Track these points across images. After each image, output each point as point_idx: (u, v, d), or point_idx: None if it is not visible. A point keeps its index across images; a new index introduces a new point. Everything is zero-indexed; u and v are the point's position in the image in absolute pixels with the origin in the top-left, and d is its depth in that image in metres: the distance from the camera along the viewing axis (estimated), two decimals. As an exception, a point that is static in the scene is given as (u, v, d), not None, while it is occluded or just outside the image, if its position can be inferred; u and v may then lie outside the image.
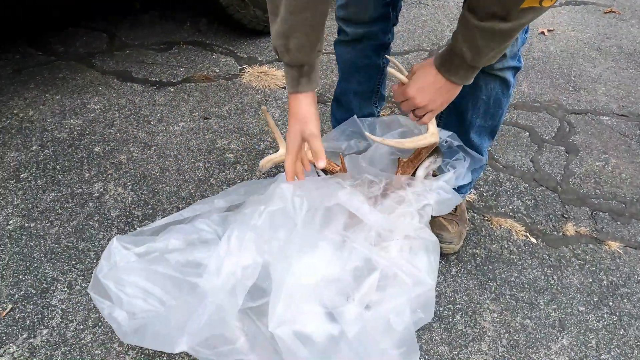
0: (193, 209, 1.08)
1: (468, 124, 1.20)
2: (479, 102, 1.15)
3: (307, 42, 0.88)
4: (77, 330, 1.11)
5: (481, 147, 1.26)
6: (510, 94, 1.17)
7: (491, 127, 1.22)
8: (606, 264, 1.38)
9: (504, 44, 0.85)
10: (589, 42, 2.51)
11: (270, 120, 1.07)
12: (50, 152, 1.60)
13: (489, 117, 1.19)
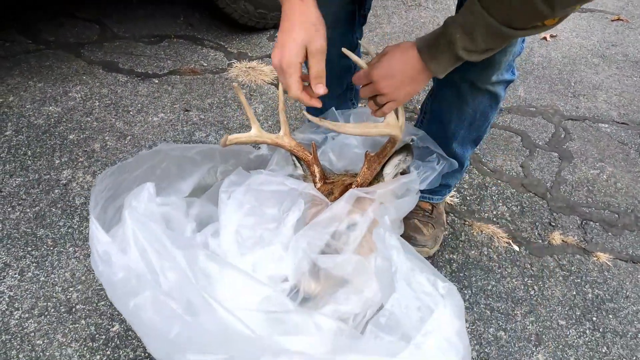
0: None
1: (451, 134, 1.13)
2: (465, 114, 1.09)
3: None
4: (21, 319, 1.07)
5: (463, 156, 1.19)
6: (499, 106, 1.10)
7: (475, 137, 1.16)
8: (593, 277, 1.29)
9: (499, 46, 0.81)
10: (592, 49, 2.42)
11: (243, 97, 1.01)
12: (24, 137, 1.57)
13: (474, 129, 1.12)
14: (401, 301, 0.78)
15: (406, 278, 0.80)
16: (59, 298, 1.11)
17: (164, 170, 1.07)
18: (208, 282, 0.75)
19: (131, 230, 0.78)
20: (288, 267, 0.93)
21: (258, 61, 2.09)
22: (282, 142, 1.02)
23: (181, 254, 0.75)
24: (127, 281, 0.75)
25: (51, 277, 1.15)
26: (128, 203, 0.83)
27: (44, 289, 1.13)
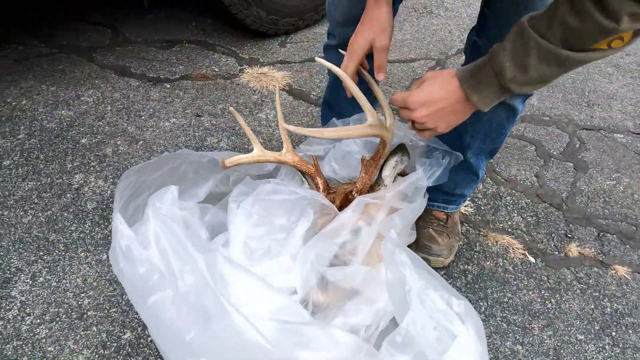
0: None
1: (466, 145, 1.12)
2: (481, 125, 1.07)
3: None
4: (32, 325, 1.06)
5: (478, 166, 1.17)
6: (516, 120, 1.08)
7: (491, 148, 1.14)
8: (611, 290, 1.26)
9: (555, 74, 0.72)
10: (607, 58, 2.39)
11: (241, 120, 1.03)
12: (36, 141, 1.57)
13: (489, 140, 1.11)
14: (416, 320, 0.76)
15: (419, 296, 0.78)
16: (71, 304, 1.10)
17: (182, 174, 1.07)
18: (225, 287, 0.74)
19: (153, 230, 0.77)
20: (296, 279, 0.91)
21: (270, 67, 2.08)
22: (285, 159, 1.01)
23: (202, 257, 0.74)
24: (149, 277, 0.74)
25: (63, 283, 1.15)
26: (152, 203, 0.83)
27: (56, 294, 1.12)
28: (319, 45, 2.28)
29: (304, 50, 2.24)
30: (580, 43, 0.67)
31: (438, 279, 0.81)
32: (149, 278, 0.75)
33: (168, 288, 0.72)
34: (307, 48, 2.26)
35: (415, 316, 0.73)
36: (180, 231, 0.76)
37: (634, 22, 0.62)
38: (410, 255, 0.82)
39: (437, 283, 0.79)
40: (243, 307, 0.72)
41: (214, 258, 0.75)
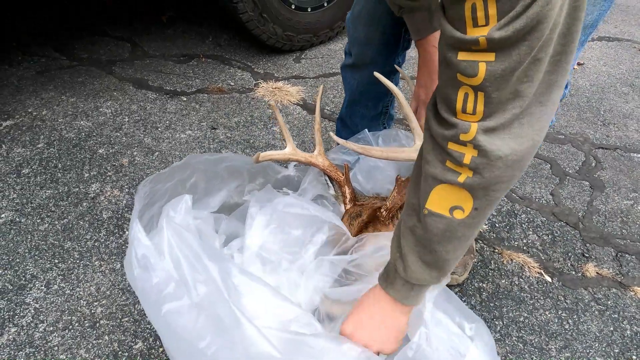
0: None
1: None
2: None
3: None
4: (45, 332, 1.06)
5: None
6: None
7: None
8: (631, 312, 1.23)
9: (428, 258, 0.68)
10: (621, 77, 2.39)
11: (279, 116, 1.03)
12: (55, 150, 1.60)
13: None
14: (430, 338, 0.75)
15: (434, 316, 0.78)
16: (84, 312, 1.10)
17: (193, 184, 1.08)
18: (238, 298, 0.74)
19: (167, 239, 0.77)
20: (302, 296, 0.91)
21: (284, 82, 2.11)
22: (315, 162, 1.02)
23: (215, 266, 0.74)
24: (163, 286, 0.74)
25: (76, 291, 1.15)
26: (166, 212, 0.83)
27: (69, 302, 1.12)
28: (333, 62, 2.31)
29: (318, 66, 2.27)
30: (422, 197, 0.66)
31: (451, 301, 0.80)
32: (164, 287, 0.75)
33: (184, 297, 0.72)
34: (322, 64, 2.29)
35: (429, 334, 0.72)
36: (194, 241, 0.77)
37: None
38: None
39: (449, 306, 0.79)
40: (256, 318, 0.71)
41: (228, 268, 0.75)
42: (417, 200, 0.67)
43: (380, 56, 1.15)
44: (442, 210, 0.64)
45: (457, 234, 0.65)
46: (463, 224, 0.64)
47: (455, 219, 0.64)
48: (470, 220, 0.64)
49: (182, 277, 0.73)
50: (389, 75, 1.21)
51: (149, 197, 0.97)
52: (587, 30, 0.85)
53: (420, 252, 0.69)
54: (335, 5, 2.30)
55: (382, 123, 1.38)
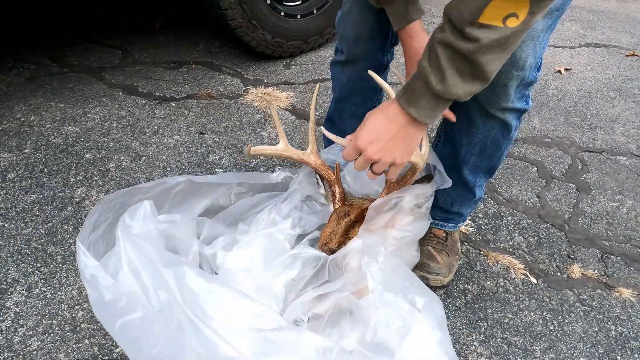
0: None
1: (461, 160, 1.11)
2: (475, 140, 1.07)
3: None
4: (25, 336, 1.05)
5: (475, 184, 1.17)
6: (511, 136, 1.07)
7: (488, 166, 1.13)
8: (616, 313, 1.23)
9: (471, 73, 0.71)
10: (608, 82, 2.41)
11: (275, 113, 1.04)
12: (41, 155, 1.59)
13: (485, 157, 1.10)
14: (382, 319, 0.76)
15: (383, 299, 0.79)
16: (64, 316, 1.09)
17: (178, 192, 1.08)
18: (196, 301, 0.74)
19: (124, 250, 0.78)
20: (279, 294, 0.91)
21: (273, 87, 2.12)
22: (307, 160, 1.02)
23: (170, 272, 0.74)
24: (116, 302, 0.74)
25: (58, 295, 1.14)
26: (122, 222, 0.84)
27: (50, 306, 1.11)
28: (323, 68, 2.33)
29: (307, 72, 2.28)
30: (471, 13, 0.67)
31: (412, 283, 0.81)
32: (116, 303, 0.75)
33: (137, 310, 0.72)
34: (311, 70, 2.30)
35: (381, 316, 0.73)
36: (149, 248, 0.77)
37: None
38: (388, 264, 0.82)
39: (405, 285, 0.80)
40: (217, 320, 0.71)
41: (181, 272, 0.75)
42: (465, 16, 0.67)
43: (369, 52, 1.17)
44: (495, 21, 0.66)
45: (503, 43, 0.68)
46: (515, 32, 0.67)
47: (508, 28, 0.66)
48: (522, 27, 0.66)
49: (143, 287, 0.74)
50: (378, 70, 1.23)
51: (119, 211, 0.95)
52: (555, 13, 0.86)
53: (459, 66, 0.71)
54: (325, 12, 2.32)
55: None
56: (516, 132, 1.07)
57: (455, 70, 0.72)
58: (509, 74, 0.90)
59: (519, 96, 0.97)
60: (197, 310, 0.70)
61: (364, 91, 1.27)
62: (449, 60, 0.72)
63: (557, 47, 2.77)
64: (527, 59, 0.89)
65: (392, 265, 0.86)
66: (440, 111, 0.79)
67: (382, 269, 0.85)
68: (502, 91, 0.93)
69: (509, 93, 0.94)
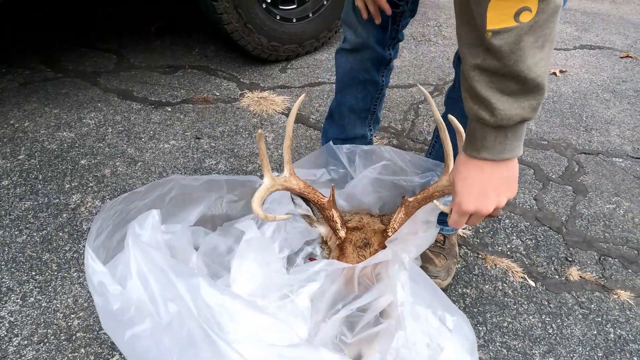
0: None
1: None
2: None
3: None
4: (20, 346, 1.03)
5: None
6: None
7: None
8: (614, 315, 1.23)
9: (517, 87, 0.65)
10: (603, 84, 2.42)
11: (263, 146, 0.94)
12: (36, 161, 1.58)
13: None
14: (408, 338, 0.74)
15: (412, 313, 0.76)
16: (60, 325, 1.08)
17: (172, 198, 1.06)
18: (210, 313, 0.72)
19: (133, 258, 0.76)
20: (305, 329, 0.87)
21: (270, 91, 2.12)
22: (290, 186, 0.96)
23: (183, 283, 0.72)
24: (124, 312, 0.73)
25: (53, 303, 1.13)
26: (132, 230, 0.82)
27: (45, 315, 1.10)
28: (319, 72, 2.32)
29: (304, 76, 2.28)
30: (479, 29, 0.62)
31: (436, 296, 0.79)
32: (124, 313, 0.73)
33: (146, 320, 0.70)
34: (307, 74, 2.30)
35: (406, 335, 0.71)
36: (161, 258, 0.75)
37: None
38: (413, 273, 0.81)
39: (434, 300, 0.78)
40: (231, 333, 0.70)
41: (196, 283, 0.74)
42: (476, 32, 0.63)
43: (369, 42, 1.18)
44: (506, 23, 0.60)
45: (532, 41, 0.61)
46: (535, 25, 0.60)
47: (524, 24, 0.60)
48: (540, 17, 0.60)
49: (152, 297, 0.72)
50: (380, 64, 1.24)
51: (121, 216, 0.93)
52: None
53: (502, 86, 0.65)
54: (320, 15, 2.32)
55: (368, 125, 1.38)
56: None
57: (500, 93, 0.65)
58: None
59: None
60: (212, 323, 0.69)
61: (364, 83, 1.27)
62: (488, 86, 0.66)
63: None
64: None
65: (418, 274, 0.84)
66: (514, 140, 0.70)
67: (412, 278, 0.82)
68: None
69: None
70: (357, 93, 1.28)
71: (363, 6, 1.11)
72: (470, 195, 0.76)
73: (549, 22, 0.61)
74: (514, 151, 0.72)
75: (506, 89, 0.66)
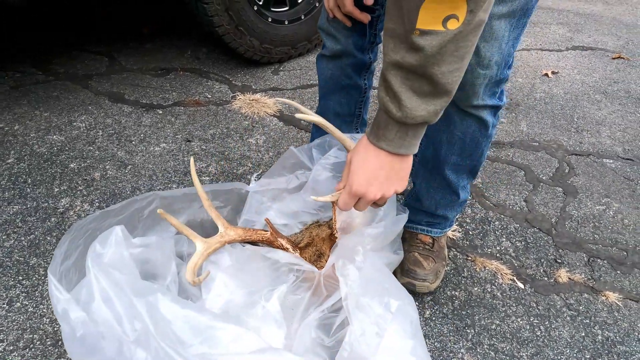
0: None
1: (442, 160, 1.12)
2: (454, 138, 1.07)
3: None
4: (5, 352, 1.03)
5: (458, 184, 1.17)
6: (490, 134, 1.07)
7: (470, 166, 1.14)
8: (602, 317, 1.23)
9: (429, 90, 0.68)
10: (594, 85, 2.43)
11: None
12: (25, 165, 1.57)
13: (465, 156, 1.11)
14: (356, 330, 0.75)
15: (358, 305, 0.77)
16: (46, 330, 1.08)
17: (152, 211, 1.04)
18: (170, 329, 0.71)
19: (94, 280, 0.75)
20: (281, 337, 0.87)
21: (262, 94, 2.11)
22: (229, 239, 0.94)
23: (142, 301, 0.72)
24: (85, 340, 0.72)
25: (40, 308, 1.12)
26: (92, 250, 0.81)
27: (32, 320, 1.10)
28: (311, 74, 2.32)
29: (296, 78, 2.28)
30: (409, 20, 0.63)
31: (386, 284, 0.80)
32: (85, 341, 0.73)
33: (113, 342, 0.70)
34: (300, 76, 2.30)
35: (354, 328, 0.72)
36: (121, 277, 0.75)
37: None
38: (366, 264, 0.81)
39: (380, 288, 0.78)
40: (193, 346, 0.69)
41: (154, 300, 0.73)
42: (403, 26, 0.65)
43: (348, 48, 1.18)
44: (435, 26, 0.62)
45: (453, 49, 0.64)
46: (458, 35, 0.63)
47: (450, 31, 0.63)
48: (465, 28, 0.63)
49: (117, 317, 0.71)
50: (360, 69, 1.24)
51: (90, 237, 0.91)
52: (517, 13, 0.87)
53: (414, 85, 0.68)
54: (313, 17, 2.32)
55: (355, 128, 1.38)
56: (494, 130, 1.08)
57: (411, 92, 0.69)
58: (475, 73, 0.92)
59: (489, 94, 0.99)
60: (173, 338, 0.68)
61: (347, 88, 1.27)
62: (402, 82, 0.68)
63: (544, 50, 2.79)
64: (493, 57, 0.90)
65: (371, 265, 0.84)
66: (413, 139, 0.75)
67: (361, 268, 0.83)
68: (471, 90, 0.95)
69: (477, 92, 0.96)
70: (340, 98, 1.28)
71: (341, 16, 1.10)
72: (363, 177, 0.80)
73: (472, 34, 0.65)
74: (410, 149, 0.77)
75: (417, 89, 0.68)
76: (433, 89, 0.68)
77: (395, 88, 0.69)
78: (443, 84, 0.67)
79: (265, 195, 1.16)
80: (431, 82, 0.67)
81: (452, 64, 0.66)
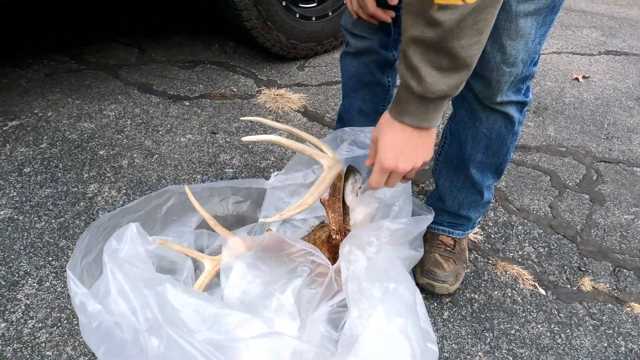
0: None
1: (467, 158, 1.11)
2: (480, 135, 1.06)
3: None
4: (34, 328, 1.07)
5: (482, 184, 1.15)
6: (516, 131, 1.06)
7: (495, 164, 1.12)
8: (626, 328, 1.20)
9: (448, 64, 0.69)
10: (627, 91, 2.36)
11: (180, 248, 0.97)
12: (57, 150, 1.63)
13: (491, 153, 1.09)
14: (354, 313, 0.76)
15: (360, 289, 0.78)
16: (73, 310, 1.11)
17: (170, 208, 1.07)
18: (178, 317, 0.74)
19: (110, 274, 0.79)
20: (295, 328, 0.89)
21: (287, 89, 2.13)
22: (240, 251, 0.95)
23: (152, 291, 0.75)
24: (100, 331, 0.76)
25: (67, 288, 1.16)
26: (108, 246, 0.84)
27: (60, 299, 1.14)
28: (336, 70, 2.32)
29: (321, 74, 2.28)
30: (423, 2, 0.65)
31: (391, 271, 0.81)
32: (100, 331, 0.76)
33: (123, 333, 0.73)
34: (325, 72, 2.30)
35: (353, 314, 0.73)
36: (135, 270, 0.78)
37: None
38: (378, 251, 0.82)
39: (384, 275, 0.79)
40: (200, 332, 0.72)
41: (163, 290, 0.76)
42: (421, 2, 0.66)
43: (374, 47, 1.18)
44: (453, 0, 0.64)
45: (472, 22, 0.65)
46: (477, 8, 0.64)
47: (469, 4, 0.63)
48: (484, 1, 0.64)
49: (132, 308, 0.74)
50: (384, 66, 1.23)
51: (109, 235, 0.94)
52: (544, 11, 0.86)
53: (433, 60, 0.69)
54: (340, 14, 2.32)
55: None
56: (520, 127, 1.07)
57: (431, 66, 0.69)
58: (500, 71, 0.91)
59: (514, 90, 0.98)
60: (180, 325, 0.71)
61: (370, 86, 1.27)
62: (422, 57, 0.69)
63: (575, 54, 2.73)
64: (519, 55, 0.90)
65: (384, 255, 0.85)
66: (434, 112, 0.77)
67: (371, 258, 0.84)
68: (496, 87, 0.95)
69: (502, 89, 0.95)
70: (364, 95, 1.28)
71: (366, 17, 1.10)
72: (392, 152, 0.82)
73: (491, 7, 0.65)
74: (432, 122, 0.78)
75: (437, 64, 0.69)
76: (453, 63, 0.69)
77: (415, 63, 0.70)
78: (463, 57, 0.68)
79: (283, 191, 1.18)
80: (451, 57, 0.68)
81: (471, 37, 0.66)
